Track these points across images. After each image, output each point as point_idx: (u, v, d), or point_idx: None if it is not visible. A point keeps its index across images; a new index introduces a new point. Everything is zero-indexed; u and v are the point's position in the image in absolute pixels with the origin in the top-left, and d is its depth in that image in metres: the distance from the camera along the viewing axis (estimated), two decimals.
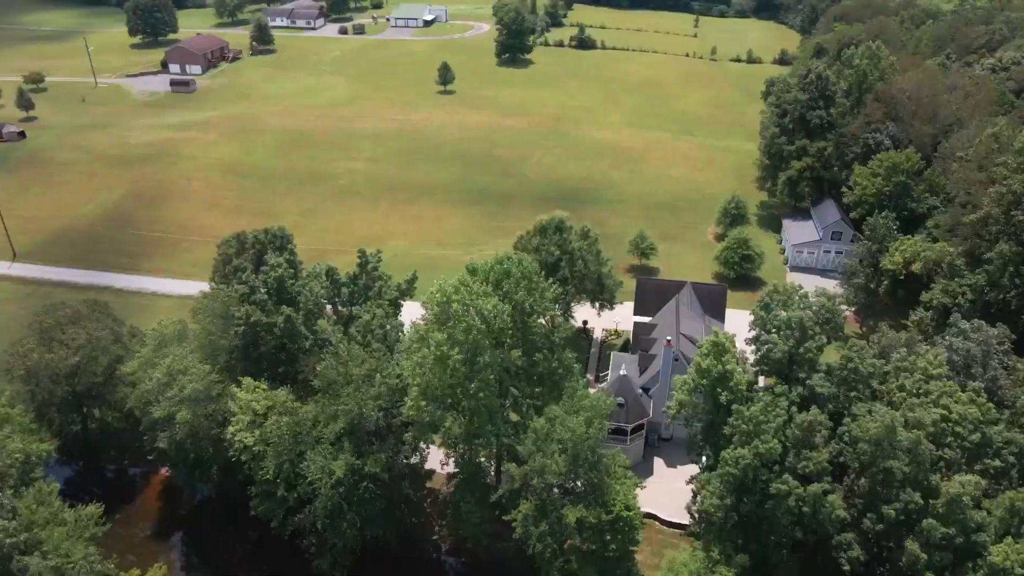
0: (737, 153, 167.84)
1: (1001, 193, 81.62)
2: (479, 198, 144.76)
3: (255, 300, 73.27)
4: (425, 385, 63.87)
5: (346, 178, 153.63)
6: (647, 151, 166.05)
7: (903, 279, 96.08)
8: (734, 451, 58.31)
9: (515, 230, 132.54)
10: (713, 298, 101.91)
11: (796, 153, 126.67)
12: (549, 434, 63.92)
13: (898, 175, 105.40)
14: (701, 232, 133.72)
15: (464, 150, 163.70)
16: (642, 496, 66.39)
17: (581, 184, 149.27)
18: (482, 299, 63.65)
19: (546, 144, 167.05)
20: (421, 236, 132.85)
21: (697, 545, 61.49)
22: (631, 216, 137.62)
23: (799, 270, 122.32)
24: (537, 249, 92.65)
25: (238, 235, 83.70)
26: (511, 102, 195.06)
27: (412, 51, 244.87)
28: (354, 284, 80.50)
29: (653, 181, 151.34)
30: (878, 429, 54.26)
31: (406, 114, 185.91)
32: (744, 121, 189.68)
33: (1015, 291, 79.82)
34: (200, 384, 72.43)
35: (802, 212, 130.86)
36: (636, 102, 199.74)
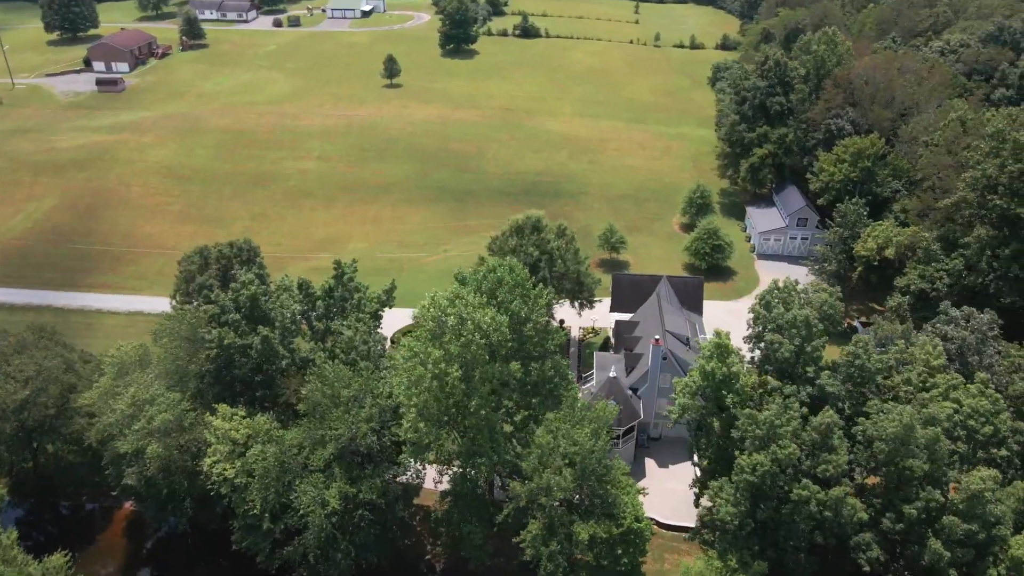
0: (692, 140, 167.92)
1: (976, 177, 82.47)
2: (438, 195, 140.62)
3: (227, 321, 68.08)
4: (423, 405, 60.26)
5: (296, 179, 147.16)
6: (603, 141, 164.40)
7: (876, 264, 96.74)
8: (750, 457, 56.81)
9: (479, 228, 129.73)
10: (689, 291, 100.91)
11: (757, 140, 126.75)
12: (554, 448, 61.31)
13: (864, 160, 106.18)
14: (666, 222, 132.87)
15: (417, 145, 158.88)
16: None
17: (540, 177, 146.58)
18: (479, 311, 60.31)
19: (500, 137, 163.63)
20: (382, 237, 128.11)
21: (712, 554, 59.93)
22: (595, 209, 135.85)
23: (766, 257, 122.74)
24: (515, 250, 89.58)
25: (200, 250, 77.96)
26: (460, 94, 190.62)
27: (352, 43, 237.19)
28: (330, 297, 75.87)
29: (612, 172, 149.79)
30: (896, 428, 53.47)
31: (353, 109, 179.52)
32: (694, 108, 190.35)
33: (993, 275, 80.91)
34: (170, 414, 67.09)
35: (765, 199, 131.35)
36: (585, 91, 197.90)
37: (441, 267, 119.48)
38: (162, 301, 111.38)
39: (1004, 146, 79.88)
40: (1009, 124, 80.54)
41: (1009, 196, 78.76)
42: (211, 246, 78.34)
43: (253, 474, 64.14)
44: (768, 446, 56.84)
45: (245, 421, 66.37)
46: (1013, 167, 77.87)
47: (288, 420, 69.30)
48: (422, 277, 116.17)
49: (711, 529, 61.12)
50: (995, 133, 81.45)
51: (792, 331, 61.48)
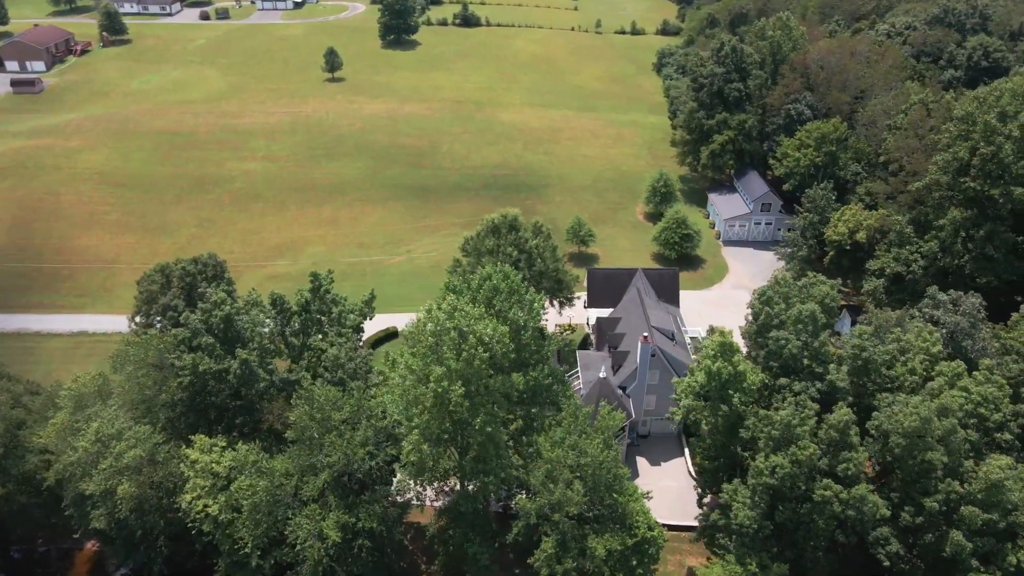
0: (644, 127, 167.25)
1: (947, 160, 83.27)
2: (394, 193, 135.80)
3: (200, 345, 62.88)
4: (424, 426, 56.72)
5: (242, 180, 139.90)
6: (555, 131, 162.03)
7: (848, 249, 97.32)
8: (766, 460, 55.49)
9: (441, 226, 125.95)
10: (665, 283, 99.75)
11: (717, 127, 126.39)
12: (563, 461, 58.78)
13: (828, 145, 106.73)
14: (630, 212, 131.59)
15: (368, 142, 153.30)
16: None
17: (498, 171, 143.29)
18: (481, 323, 57.02)
19: (452, 130, 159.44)
20: (340, 240, 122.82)
21: (730, 558, 58.53)
22: (556, 202, 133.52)
23: (731, 244, 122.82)
24: (493, 251, 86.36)
25: (161, 268, 72.04)
26: (406, 87, 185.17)
27: (287, 36, 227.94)
28: (306, 312, 71.20)
29: (570, 162, 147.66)
30: (914, 421, 52.87)
31: (296, 106, 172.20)
32: (642, 94, 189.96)
33: (968, 256, 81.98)
34: (141, 449, 61.68)
35: (726, 186, 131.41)
36: (532, 80, 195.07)
37: (406, 269, 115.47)
38: (109, 319, 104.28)
39: (974, 129, 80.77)
40: (978, 107, 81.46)
41: (982, 178, 79.75)
42: (173, 263, 72.48)
43: (239, 509, 59.59)
44: (785, 447, 55.60)
45: (227, 452, 61.52)
46: (985, 149, 78.79)
47: (272, 447, 64.75)
48: (387, 280, 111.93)
49: (726, 533, 59.67)
50: (965, 116, 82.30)
51: (798, 327, 60.35)
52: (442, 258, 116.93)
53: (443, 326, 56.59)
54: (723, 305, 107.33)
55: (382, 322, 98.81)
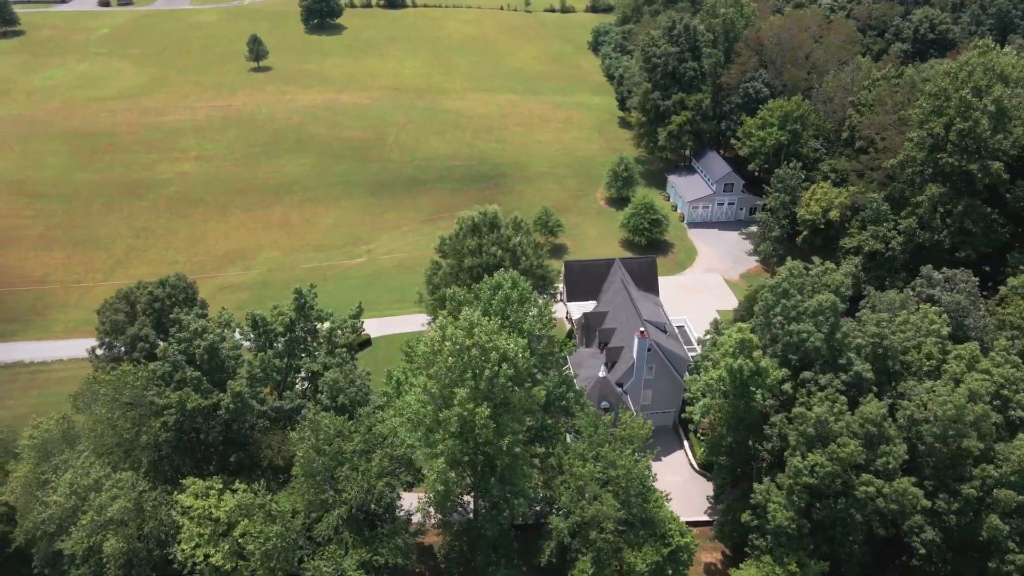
0: (591, 109, 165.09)
1: (922, 137, 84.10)
2: (346, 191, 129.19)
3: (184, 379, 56.81)
4: (449, 451, 52.81)
5: (178, 184, 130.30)
6: (503, 117, 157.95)
7: (822, 227, 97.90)
8: (804, 459, 54.29)
9: (399, 222, 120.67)
10: (643, 271, 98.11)
11: (674, 107, 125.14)
12: (593, 475, 56.13)
13: (792, 123, 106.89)
14: (591, 198, 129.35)
15: (308, 136, 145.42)
16: None
17: (451, 161, 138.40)
18: (501, 338, 53.34)
19: (397, 120, 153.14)
20: (294, 243, 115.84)
21: (767, 559, 57.37)
22: (516, 191, 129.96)
23: (696, 226, 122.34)
24: (476, 251, 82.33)
25: (126, 294, 64.86)
26: (339, 75, 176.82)
27: (201, 23, 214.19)
28: (291, 332, 65.59)
29: (523, 149, 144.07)
30: (950, 410, 52.57)
31: (224, 99, 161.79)
32: (582, 75, 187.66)
33: (946, 231, 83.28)
34: (127, 500, 55.46)
35: (685, 167, 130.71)
36: (470, 63, 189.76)
37: (369, 270, 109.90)
38: (47, 347, 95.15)
39: (948, 104, 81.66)
40: (951, 82, 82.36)
41: (959, 153, 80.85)
42: (136, 289, 65.35)
43: (245, 556, 54.44)
44: (821, 444, 54.53)
45: (226, 495, 56.01)
46: (962, 125, 79.80)
47: (272, 483, 59.50)
48: (351, 284, 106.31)
49: (760, 534, 58.44)
50: (938, 92, 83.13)
51: (818, 318, 59.26)
52: (407, 257, 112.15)
53: (462, 344, 52.62)
54: (698, 290, 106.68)
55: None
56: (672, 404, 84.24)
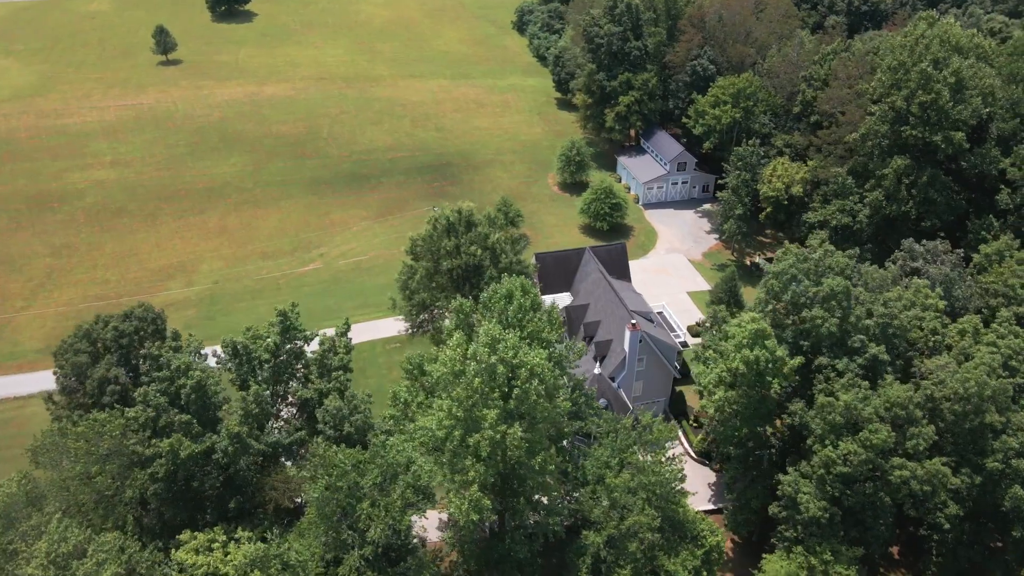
0: (525, 91, 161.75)
1: (884, 111, 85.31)
2: (284, 191, 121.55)
3: (172, 424, 50.90)
4: (482, 477, 49.39)
5: (95, 194, 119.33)
6: (438, 103, 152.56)
7: (785, 203, 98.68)
8: (836, 449, 53.76)
9: (349, 221, 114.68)
10: (615, 259, 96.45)
11: (620, 88, 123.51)
12: (626, 485, 53.98)
13: (745, 100, 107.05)
14: (543, 185, 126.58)
15: (235, 133, 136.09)
16: None
17: (393, 153, 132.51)
18: (527, 353, 50.09)
19: (328, 112, 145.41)
20: (238, 251, 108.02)
21: (798, 550, 56.87)
22: (465, 181, 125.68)
23: (651, 207, 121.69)
24: (454, 252, 78.18)
25: (86, 332, 57.50)
26: (257, 66, 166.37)
27: (94, 12, 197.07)
28: (275, 357, 60.14)
29: (465, 136, 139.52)
30: (971, 387, 53.06)
31: (133, 97, 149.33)
32: (510, 56, 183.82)
33: (912, 202, 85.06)
34: (117, 564, 49.39)
35: (634, 148, 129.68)
36: (394, 49, 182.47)
37: (324, 276, 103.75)
38: None
39: (909, 78, 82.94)
40: (909, 55, 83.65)
41: (922, 126, 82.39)
42: (98, 325, 58.09)
43: None
44: (848, 432, 54.13)
45: (232, 546, 50.74)
46: (924, 97, 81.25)
47: (276, 526, 54.49)
48: (307, 291, 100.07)
49: (790, 525, 57.84)
50: (897, 65, 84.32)
51: (832, 303, 58.77)
52: (363, 259, 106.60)
53: (488, 362, 49.07)
54: (665, 271, 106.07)
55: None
56: (663, 393, 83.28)
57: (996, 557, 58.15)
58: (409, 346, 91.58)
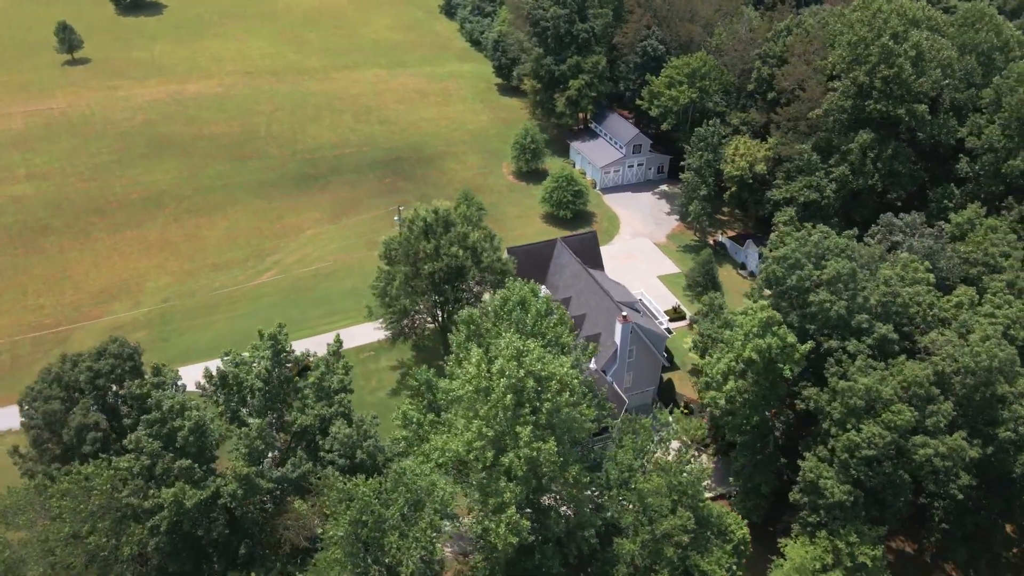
0: (465, 78, 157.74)
1: (847, 86, 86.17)
2: (228, 196, 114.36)
3: (172, 471, 46.24)
4: (519, 496, 46.93)
5: (12, 211, 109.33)
6: (378, 95, 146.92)
7: (749, 182, 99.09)
8: (859, 433, 53.74)
9: (302, 226, 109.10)
10: (586, 248, 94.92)
11: (570, 71, 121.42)
12: (659, 488, 52.57)
13: (702, 80, 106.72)
14: (498, 175, 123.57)
15: (164, 137, 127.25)
16: None
17: (339, 151, 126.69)
18: (555, 364, 47.71)
19: (262, 109, 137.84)
20: (185, 265, 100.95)
21: (822, 535, 56.93)
22: (419, 176, 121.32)
23: (609, 191, 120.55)
24: (434, 255, 74.77)
25: (56, 376, 51.45)
26: (176, 62, 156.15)
27: None
28: (266, 383, 55.71)
29: (411, 129, 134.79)
30: (983, 360, 53.87)
31: (41, 101, 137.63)
32: (443, 41, 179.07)
33: (877, 175, 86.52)
34: None
35: (587, 132, 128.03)
36: (323, 38, 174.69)
37: (284, 285, 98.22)
38: None
39: (869, 52, 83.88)
40: (869, 30, 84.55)
41: (886, 99, 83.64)
42: (65, 366, 52.21)
43: None
44: (868, 414, 54.20)
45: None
46: (886, 71, 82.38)
47: (290, 566, 50.68)
48: (267, 303, 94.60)
49: (812, 510, 57.81)
50: (857, 41, 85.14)
51: (838, 285, 58.64)
52: (322, 264, 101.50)
53: (515, 376, 46.45)
54: (633, 257, 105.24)
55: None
56: (652, 382, 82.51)
57: (1000, 522, 59.77)
58: (384, 354, 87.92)
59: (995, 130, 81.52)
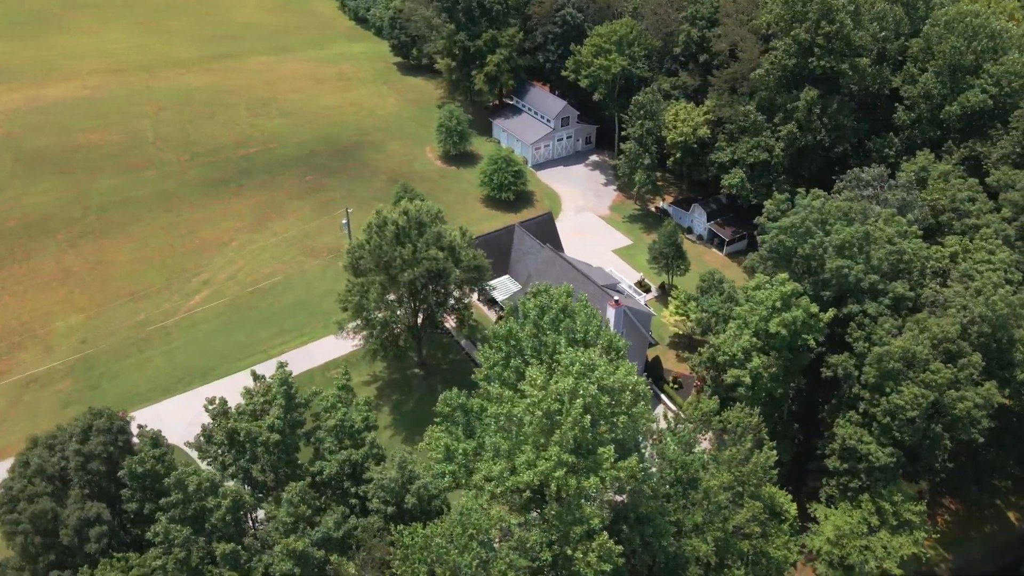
0: (359, 59, 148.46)
1: (788, 44, 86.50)
2: (128, 213, 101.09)
3: (214, 557, 39.13)
4: (605, 520, 43.37)
5: None
6: (270, 84, 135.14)
7: (694, 147, 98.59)
8: (901, 395, 53.92)
9: (223, 239, 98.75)
10: (545, 231, 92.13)
11: (487, 47, 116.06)
12: (727, 483, 50.66)
13: (631, 47, 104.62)
14: (423, 161, 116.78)
15: (34, 151, 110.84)
16: None
17: (243, 150, 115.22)
18: (622, 371, 44.13)
19: (144, 110, 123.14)
20: (97, 297, 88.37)
21: (865, 498, 57.27)
22: (340, 170, 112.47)
23: (540, 167, 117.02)
24: (412, 261, 68.60)
25: (38, 468, 41.91)
26: (26, 63, 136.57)
27: None
28: (282, 435, 48.59)
29: (317, 119, 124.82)
30: (1001, 308, 55.37)
31: None
32: (326, 21, 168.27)
33: (824, 130, 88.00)
34: None
35: (508, 108, 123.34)
36: (189, 25, 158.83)
37: (220, 308, 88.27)
38: None
39: (807, 10, 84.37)
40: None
41: (829, 55, 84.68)
42: (48, 453, 42.73)
43: None
44: (898, 376, 54.57)
45: None
46: (828, 28, 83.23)
47: None
48: (206, 329, 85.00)
49: (852, 475, 57.98)
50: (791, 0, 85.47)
51: (853, 250, 58.42)
52: (258, 277, 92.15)
53: (590, 394, 42.50)
54: (582, 234, 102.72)
55: (234, 385, 76.38)
56: (639, 360, 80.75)
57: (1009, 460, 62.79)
58: (354, 369, 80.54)
59: (930, 77, 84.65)
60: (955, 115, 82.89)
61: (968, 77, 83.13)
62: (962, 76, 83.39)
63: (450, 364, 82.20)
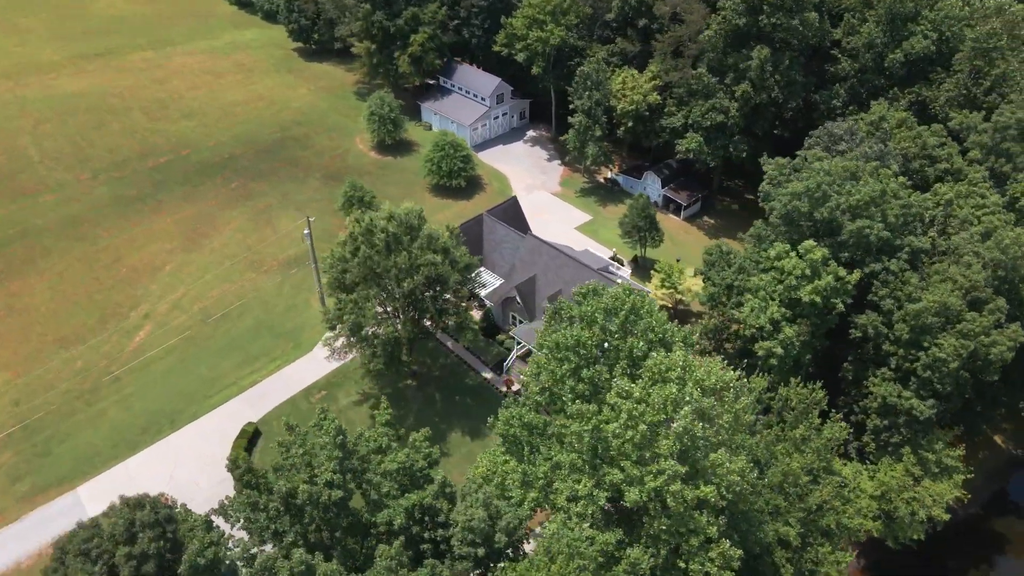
0: (255, 48, 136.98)
1: (736, 4, 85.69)
2: (31, 248, 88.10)
3: None
4: (722, 525, 41.07)
5: None
6: (161, 83, 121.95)
7: (645, 115, 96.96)
8: (942, 348, 54.60)
9: (154, 263, 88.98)
10: (511, 217, 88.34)
11: (408, 26, 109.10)
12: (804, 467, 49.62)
13: (564, 15, 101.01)
14: (355, 154, 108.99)
15: None
16: None
17: (152, 160, 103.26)
18: (716, 369, 41.71)
19: (20, 125, 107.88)
20: (19, 350, 76.61)
21: (907, 451, 58.21)
22: (268, 174, 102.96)
23: (480, 148, 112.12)
24: (410, 268, 63.01)
25: (82, 552, 34.46)
26: None
27: None
28: (344, 490, 42.88)
29: (226, 118, 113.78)
30: (1016, 251, 57.00)
31: None
32: (203, 8, 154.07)
33: (777, 88, 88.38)
34: None
35: (437, 89, 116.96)
36: (47, 22, 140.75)
37: (171, 343, 78.88)
38: None
39: None
40: None
41: (779, 12, 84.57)
42: (91, 542, 35.27)
43: None
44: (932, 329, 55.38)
45: None
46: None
47: None
48: (161, 369, 76.39)
49: (893, 430, 58.68)
50: None
51: (872, 209, 58.33)
52: (208, 304, 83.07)
53: (696, 399, 39.78)
54: (540, 214, 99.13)
55: (211, 427, 69.28)
56: None
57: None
58: (339, 389, 74.53)
59: (872, 27, 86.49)
60: (899, 62, 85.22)
61: (909, 24, 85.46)
62: (903, 23, 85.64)
63: (441, 370, 77.32)
